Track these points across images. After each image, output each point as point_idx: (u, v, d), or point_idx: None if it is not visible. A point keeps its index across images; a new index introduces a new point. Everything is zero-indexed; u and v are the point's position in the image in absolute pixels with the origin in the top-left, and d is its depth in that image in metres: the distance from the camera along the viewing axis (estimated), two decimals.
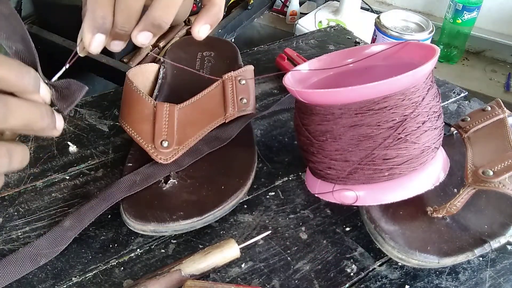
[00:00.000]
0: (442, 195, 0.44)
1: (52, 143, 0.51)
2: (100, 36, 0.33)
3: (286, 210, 0.45)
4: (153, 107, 0.46)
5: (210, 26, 0.38)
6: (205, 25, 0.38)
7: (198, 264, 0.37)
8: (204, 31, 0.38)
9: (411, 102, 0.37)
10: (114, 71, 1.15)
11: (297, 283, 0.39)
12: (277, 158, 0.51)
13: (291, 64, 0.63)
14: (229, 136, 0.48)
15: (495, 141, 0.44)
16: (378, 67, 0.47)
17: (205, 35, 0.38)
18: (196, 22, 0.37)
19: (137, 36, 0.34)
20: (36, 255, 0.39)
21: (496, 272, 0.41)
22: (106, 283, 0.38)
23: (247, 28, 1.58)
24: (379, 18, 0.69)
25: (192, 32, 0.37)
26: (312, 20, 1.45)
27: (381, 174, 0.38)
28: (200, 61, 0.60)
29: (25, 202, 0.44)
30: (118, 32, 0.34)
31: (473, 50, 1.47)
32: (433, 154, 0.40)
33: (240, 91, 0.50)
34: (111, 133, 0.53)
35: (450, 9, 1.31)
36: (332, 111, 0.38)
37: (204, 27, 0.38)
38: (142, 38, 0.35)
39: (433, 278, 0.40)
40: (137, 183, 0.43)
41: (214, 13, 0.38)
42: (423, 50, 0.42)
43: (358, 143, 0.38)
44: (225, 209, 0.43)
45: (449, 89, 0.65)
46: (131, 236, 0.42)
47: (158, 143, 0.45)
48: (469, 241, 0.40)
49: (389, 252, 0.39)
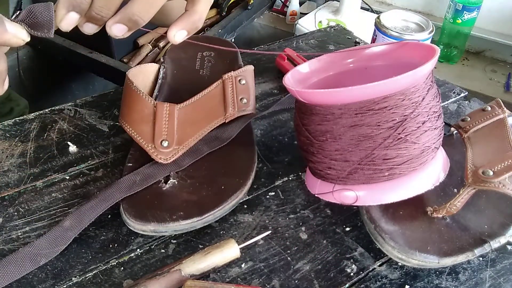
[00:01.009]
0: (442, 195, 0.44)
1: (52, 143, 0.51)
2: (74, 14, 0.33)
3: (286, 210, 0.45)
4: (153, 107, 0.46)
5: (187, 32, 0.37)
6: (182, 31, 0.37)
7: (198, 264, 0.37)
8: (180, 36, 0.37)
9: (411, 102, 0.37)
10: (114, 71, 1.15)
11: (297, 283, 0.39)
12: (277, 158, 0.51)
13: (291, 64, 0.63)
14: (229, 136, 0.48)
15: (495, 141, 0.44)
16: (378, 67, 0.47)
17: (180, 40, 0.37)
18: (173, 26, 0.36)
19: (111, 27, 0.34)
20: (36, 255, 0.39)
21: (496, 272, 0.41)
22: (106, 283, 0.38)
23: (247, 28, 1.58)
24: (379, 18, 0.69)
25: (168, 35, 0.37)
26: (312, 20, 1.45)
27: (381, 174, 0.38)
28: (200, 61, 0.60)
29: (25, 202, 0.44)
30: (93, 15, 0.33)
31: (473, 50, 1.47)
32: (433, 154, 0.40)
33: (240, 91, 0.50)
34: (111, 133, 0.53)
35: (450, 9, 1.31)
36: (332, 111, 0.38)
37: (180, 32, 0.37)
38: (116, 30, 0.34)
39: (433, 278, 0.40)
40: (137, 183, 0.43)
41: (193, 20, 0.37)
42: (423, 50, 0.42)
43: (358, 143, 0.38)
44: (225, 209, 0.43)
45: (449, 89, 0.65)
46: (131, 236, 0.42)
47: (158, 143, 0.45)
48: (469, 241, 0.40)
49: (389, 252, 0.39)
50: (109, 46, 1.16)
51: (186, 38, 0.38)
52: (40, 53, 1.26)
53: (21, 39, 0.32)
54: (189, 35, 0.37)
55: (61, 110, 0.56)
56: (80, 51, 1.17)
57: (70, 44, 1.19)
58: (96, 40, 0.36)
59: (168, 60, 0.58)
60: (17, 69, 1.21)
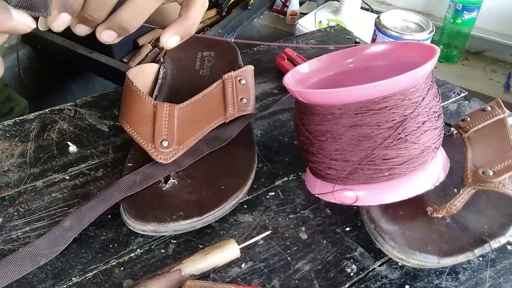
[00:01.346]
0: (442, 195, 0.44)
1: (52, 143, 0.51)
2: (65, 15, 0.33)
3: (286, 210, 0.45)
4: (153, 107, 0.46)
5: (180, 38, 0.37)
6: (175, 36, 0.37)
7: (198, 264, 0.37)
8: (172, 42, 0.37)
9: (411, 102, 0.37)
10: (114, 71, 1.16)
11: (297, 283, 0.39)
12: (277, 158, 0.51)
13: (291, 64, 0.63)
14: (229, 136, 0.48)
15: (495, 141, 0.44)
16: (378, 67, 0.47)
17: (173, 46, 0.37)
18: (167, 31, 0.36)
19: (101, 32, 0.34)
20: (36, 255, 0.39)
21: (496, 272, 0.41)
22: (106, 283, 0.38)
23: (247, 28, 1.58)
24: (379, 18, 0.69)
25: (161, 40, 0.37)
26: (312, 20, 1.45)
27: (381, 174, 0.38)
28: (200, 61, 0.60)
29: (25, 202, 0.44)
30: (86, 17, 0.33)
31: (473, 50, 1.47)
32: (433, 154, 0.40)
33: (240, 91, 0.50)
34: (111, 133, 0.53)
35: (450, 9, 1.31)
36: (332, 111, 0.38)
37: (173, 37, 0.37)
38: (105, 36, 0.34)
39: (433, 278, 0.40)
40: (137, 183, 0.43)
41: (186, 26, 0.37)
42: (423, 50, 0.42)
43: (358, 143, 0.38)
44: (225, 209, 0.43)
45: (449, 89, 0.65)
46: (131, 236, 0.42)
47: (158, 143, 0.45)
48: (469, 241, 0.40)
49: (389, 252, 0.39)
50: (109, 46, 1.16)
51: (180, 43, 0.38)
52: (40, 53, 1.26)
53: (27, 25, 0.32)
54: (182, 41, 0.38)
55: (61, 110, 0.56)
56: (80, 51, 1.17)
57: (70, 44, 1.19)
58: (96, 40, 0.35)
59: (168, 60, 0.58)
60: (17, 69, 1.21)
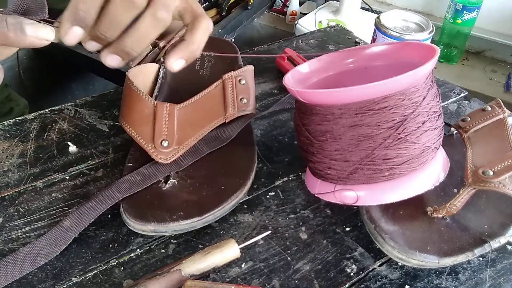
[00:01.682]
0: (442, 195, 0.44)
1: (52, 143, 0.51)
2: (78, 29, 0.33)
3: (286, 210, 0.45)
4: (153, 107, 0.46)
5: (185, 61, 0.39)
6: (180, 60, 0.38)
7: (198, 264, 0.37)
8: (178, 65, 0.39)
9: (411, 102, 0.37)
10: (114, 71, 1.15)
11: (297, 283, 0.39)
12: (277, 158, 0.51)
13: (291, 64, 0.63)
14: (229, 136, 0.48)
15: (495, 141, 0.44)
16: (378, 67, 0.47)
17: (178, 69, 0.39)
18: (172, 54, 0.38)
19: (106, 57, 0.35)
20: (36, 255, 0.39)
21: (496, 272, 0.41)
22: (106, 283, 0.38)
23: (247, 28, 1.58)
24: (379, 18, 0.69)
25: (166, 63, 0.38)
26: (312, 20, 1.45)
27: (381, 174, 0.38)
28: (200, 61, 0.60)
29: (25, 202, 0.44)
30: (98, 35, 0.34)
31: (473, 50, 1.47)
32: (433, 154, 0.40)
33: (240, 91, 0.50)
34: (111, 133, 0.53)
35: (450, 9, 1.31)
36: (332, 111, 0.38)
37: (179, 61, 0.38)
38: (110, 60, 0.36)
39: (433, 278, 0.40)
40: (137, 183, 0.43)
41: (191, 50, 0.39)
42: (423, 50, 0.42)
43: (358, 143, 0.38)
44: (225, 209, 0.43)
45: (449, 89, 0.65)
46: (131, 236, 0.42)
47: (158, 143, 0.45)
48: (469, 241, 0.40)
49: (389, 252, 0.39)
50: None
51: None
52: (40, 53, 1.26)
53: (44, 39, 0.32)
54: (187, 64, 0.39)
55: (61, 110, 0.56)
56: (80, 51, 1.17)
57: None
58: None
59: None
60: (17, 69, 1.21)
